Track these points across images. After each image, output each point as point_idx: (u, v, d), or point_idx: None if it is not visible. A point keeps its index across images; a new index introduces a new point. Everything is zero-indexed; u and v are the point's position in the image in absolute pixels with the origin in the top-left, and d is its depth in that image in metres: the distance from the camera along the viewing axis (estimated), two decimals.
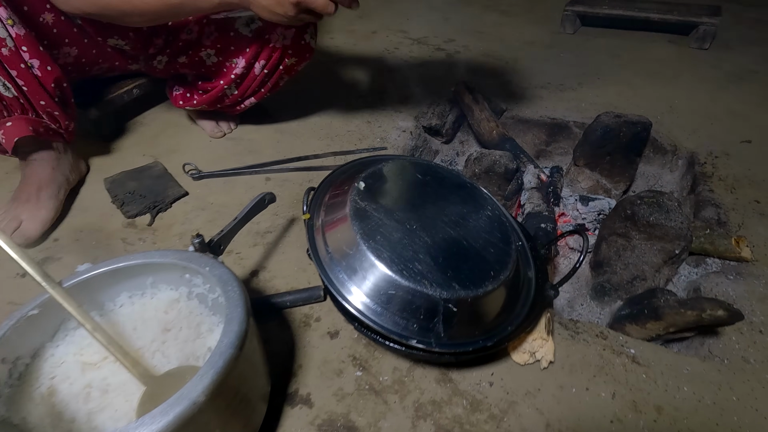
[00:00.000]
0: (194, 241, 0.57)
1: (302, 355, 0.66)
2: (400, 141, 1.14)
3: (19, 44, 0.74)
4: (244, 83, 0.99)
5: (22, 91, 0.77)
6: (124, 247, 0.82)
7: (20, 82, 0.76)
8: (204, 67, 0.98)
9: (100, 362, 0.53)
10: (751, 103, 1.35)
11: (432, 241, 0.58)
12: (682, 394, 0.61)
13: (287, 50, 0.95)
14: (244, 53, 0.95)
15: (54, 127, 0.84)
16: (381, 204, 0.60)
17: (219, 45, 0.93)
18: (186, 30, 0.92)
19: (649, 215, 0.77)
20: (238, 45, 0.94)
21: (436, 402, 0.60)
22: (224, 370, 0.42)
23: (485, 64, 1.58)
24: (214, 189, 0.96)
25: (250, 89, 1.01)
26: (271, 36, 0.93)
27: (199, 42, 0.93)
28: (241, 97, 1.03)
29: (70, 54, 0.87)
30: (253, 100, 1.05)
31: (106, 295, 0.57)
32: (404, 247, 0.56)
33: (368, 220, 0.58)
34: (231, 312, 0.47)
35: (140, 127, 1.15)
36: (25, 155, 0.85)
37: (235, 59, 0.96)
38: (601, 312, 0.87)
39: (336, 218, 0.59)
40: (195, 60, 0.97)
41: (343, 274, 0.56)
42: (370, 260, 0.54)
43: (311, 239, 0.60)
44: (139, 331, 0.56)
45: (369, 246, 0.55)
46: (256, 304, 0.70)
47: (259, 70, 0.97)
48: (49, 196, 0.85)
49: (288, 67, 0.99)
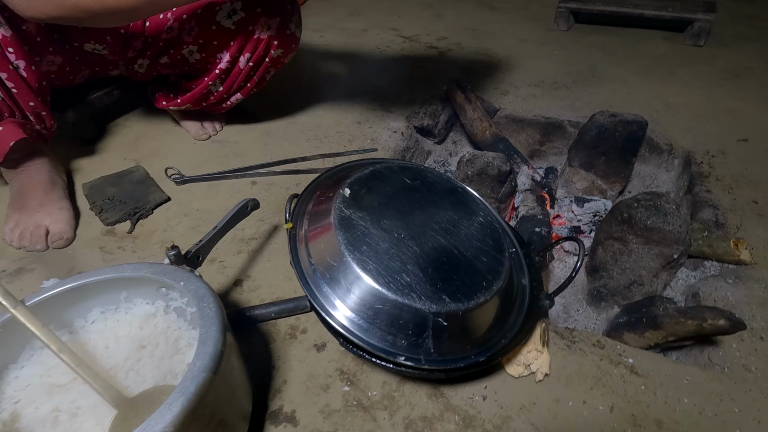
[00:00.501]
0: (169, 253, 0.54)
1: (287, 370, 0.63)
2: (391, 142, 1.12)
3: (5, 45, 0.72)
4: (229, 78, 0.96)
5: (10, 94, 0.75)
6: (102, 256, 0.79)
7: (10, 84, 0.74)
8: (187, 65, 0.94)
9: (68, 383, 0.50)
10: (747, 100, 1.33)
11: (421, 251, 0.55)
12: (683, 406, 0.59)
13: (272, 41, 0.92)
14: (228, 47, 0.91)
15: (38, 128, 0.82)
16: (367, 211, 0.57)
17: (201, 40, 0.90)
18: (166, 29, 0.88)
19: (646, 219, 0.75)
20: (221, 38, 0.90)
21: (427, 418, 0.58)
22: (196, 397, 0.39)
23: (478, 63, 1.55)
24: (197, 194, 0.93)
25: (235, 84, 0.97)
26: (255, 27, 0.89)
27: (180, 39, 0.90)
28: (226, 94, 0.99)
29: (54, 62, 0.84)
30: (239, 96, 1.01)
31: (76, 312, 0.54)
32: (391, 257, 0.53)
33: (353, 230, 0.55)
34: (205, 331, 0.44)
35: (121, 130, 1.11)
36: (16, 162, 0.82)
37: (218, 54, 0.92)
38: (597, 318, 0.84)
39: (319, 227, 0.56)
40: (177, 59, 0.93)
41: (326, 286, 0.53)
42: (355, 272, 0.52)
43: (293, 250, 0.57)
44: (111, 349, 0.53)
45: (354, 257, 0.52)
46: (238, 317, 0.67)
47: (245, 63, 0.93)
48: (60, 197, 0.84)
49: (274, 60, 0.95)
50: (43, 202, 0.81)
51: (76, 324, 0.54)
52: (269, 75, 1.00)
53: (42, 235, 0.78)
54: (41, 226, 0.79)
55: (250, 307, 0.68)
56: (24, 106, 0.77)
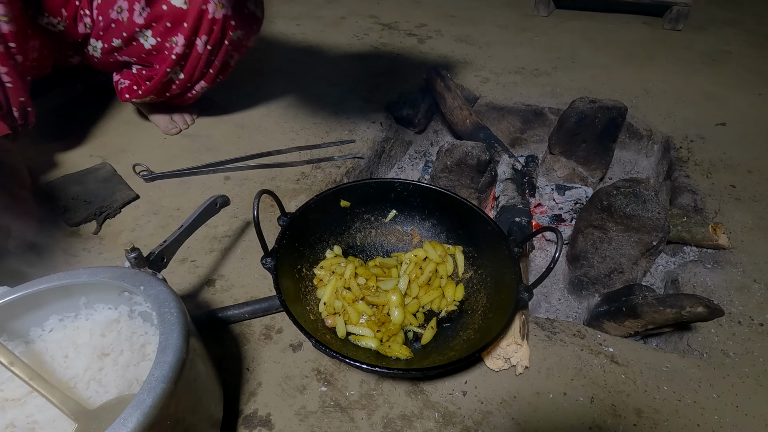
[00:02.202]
0: (129, 255, 0.51)
1: (262, 372, 0.61)
2: (370, 133, 1.09)
3: (8, 40, 0.72)
4: (188, 64, 0.91)
5: (4, 89, 0.74)
6: (66, 259, 0.75)
7: (6, 79, 0.73)
8: (144, 51, 0.89)
9: (24, 397, 0.47)
10: (725, 84, 1.34)
11: None
12: (662, 394, 0.59)
13: (229, 21, 0.87)
14: (182, 28, 0.86)
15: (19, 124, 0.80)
16: None
17: (154, 23, 0.85)
18: (116, 9, 0.84)
19: (625, 206, 0.74)
20: (174, 19, 0.85)
21: (406, 416, 0.56)
22: (154, 410, 0.36)
23: (458, 50, 1.52)
24: (167, 191, 0.89)
25: (197, 71, 0.92)
26: (208, 5, 0.84)
27: (131, 21, 0.85)
28: (189, 82, 0.94)
29: (35, 48, 0.81)
30: (204, 84, 0.96)
31: (31, 320, 0.51)
32: None
33: None
34: (165, 338, 0.42)
35: (86, 126, 1.06)
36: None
37: (173, 37, 0.87)
38: (578, 307, 0.84)
39: None
40: (132, 44, 0.88)
41: None
42: None
43: None
44: (71, 359, 0.50)
45: None
46: (209, 318, 0.65)
47: (202, 46, 0.88)
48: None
49: (235, 43, 0.91)
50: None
51: (32, 333, 0.51)
52: (233, 60, 0.95)
53: None
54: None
55: (222, 308, 0.66)
56: (14, 101, 0.76)
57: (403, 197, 0.72)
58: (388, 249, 0.74)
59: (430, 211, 0.73)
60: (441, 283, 0.67)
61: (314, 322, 0.60)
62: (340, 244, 0.72)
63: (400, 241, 0.75)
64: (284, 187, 0.91)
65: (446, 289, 0.66)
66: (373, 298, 0.62)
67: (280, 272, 0.58)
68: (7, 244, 0.75)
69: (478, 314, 0.62)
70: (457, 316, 0.65)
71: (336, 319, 0.62)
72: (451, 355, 0.55)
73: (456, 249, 0.70)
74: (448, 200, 0.69)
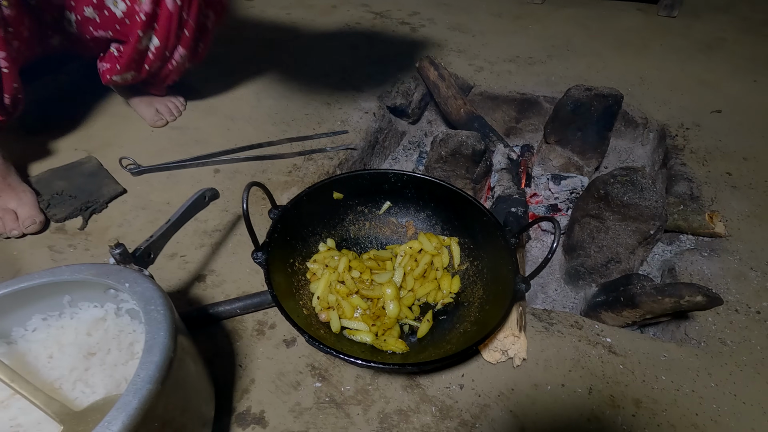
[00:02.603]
0: (113, 251, 0.49)
1: (255, 368, 0.60)
2: (363, 123, 1.07)
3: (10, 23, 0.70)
4: (160, 26, 0.85)
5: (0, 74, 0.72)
6: (51, 255, 0.73)
7: (3, 64, 0.71)
8: (117, 21, 0.84)
9: (6, 400, 0.45)
10: (720, 71, 1.33)
11: None
12: (660, 384, 0.58)
13: None
14: None
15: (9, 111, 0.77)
16: None
17: None
18: None
19: (622, 195, 0.73)
20: None
21: (402, 411, 0.55)
22: (140, 412, 0.35)
23: (451, 38, 1.50)
24: (155, 185, 0.87)
25: (171, 33, 0.87)
26: None
27: None
28: (166, 49, 0.89)
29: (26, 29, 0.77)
30: (183, 52, 0.91)
31: (13, 320, 0.49)
32: None
33: None
34: (151, 338, 0.40)
35: (71, 119, 1.03)
36: None
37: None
38: (576, 297, 0.83)
39: None
40: (103, 12, 0.83)
41: None
42: None
43: None
44: (56, 359, 0.49)
45: None
46: (200, 315, 0.63)
47: (172, 3, 0.83)
48: (18, 181, 0.79)
49: None
50: (3, 187, 0.76)
51: (14, 333, 0.49)
52: (209, 21, 0.92)
53: (13, 220, 0.74)
54: (8, 210, 0.74)
55: (213, 304, 0.64)
56: (8, 87, 0.73)
57: (398, 188, 0.71)
58: (382, 241, 0.73)
59: (424, 202, 0.71)
60: (437, 276, 0.66)
61: (308, 317, 0.59)
62: (333, 237, 0.70)
63: (395, 233, 0.73)
64: (276, 180, 0.90)
65: (442, 281, 0.65)
66: (367, 292, 0.61)
67: (271, 267, 0.56)
68: None
69: (475, 306, 0.61)
70: (454, 309, 0.64)
71: (330, 314, 0.60)
72: (448, 349, 0.54)
73: (452, 240, 0.68)
74: (443, 191, 0.68)
